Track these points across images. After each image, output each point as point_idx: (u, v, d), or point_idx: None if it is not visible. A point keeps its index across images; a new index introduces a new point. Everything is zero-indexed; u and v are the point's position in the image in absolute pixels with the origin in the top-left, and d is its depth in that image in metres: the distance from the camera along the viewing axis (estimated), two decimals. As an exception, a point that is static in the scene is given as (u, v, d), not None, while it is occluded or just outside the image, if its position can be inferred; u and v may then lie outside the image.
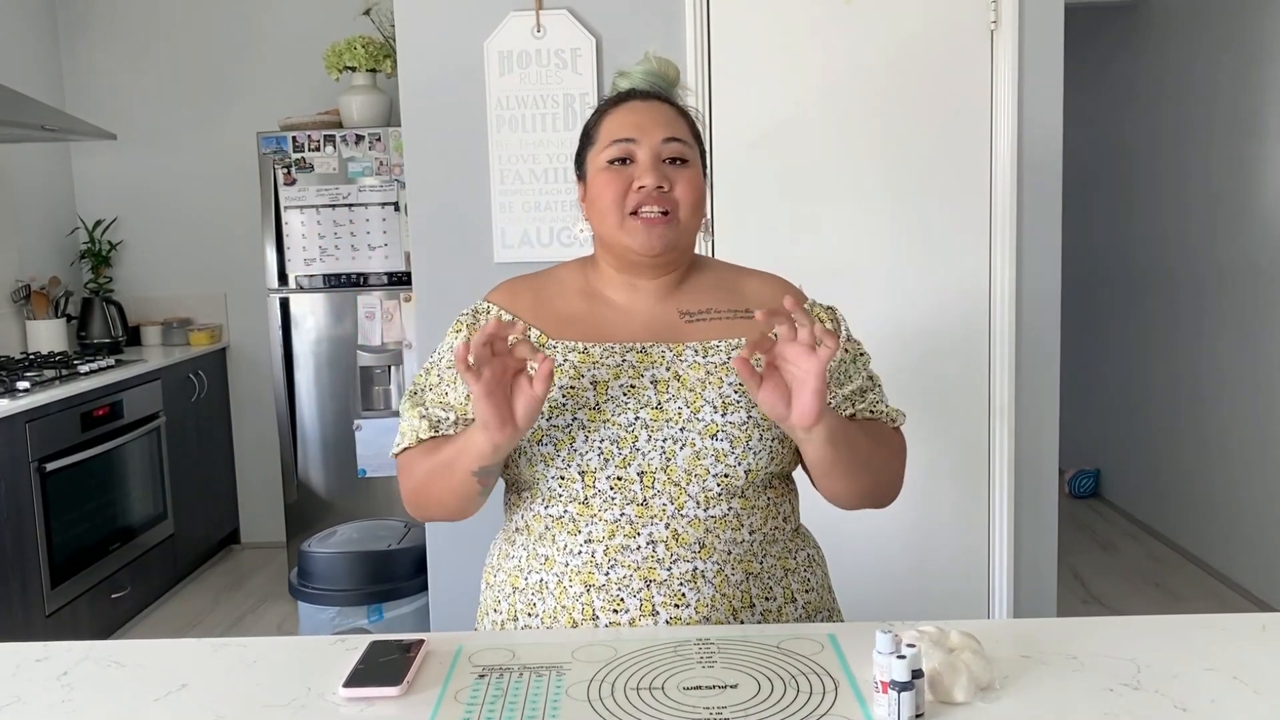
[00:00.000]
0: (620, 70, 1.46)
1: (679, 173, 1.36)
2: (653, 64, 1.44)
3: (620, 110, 1.39)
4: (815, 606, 1.39)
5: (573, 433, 1.30)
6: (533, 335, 1.38)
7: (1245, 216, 3.80)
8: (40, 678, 1.21)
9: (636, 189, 1.34)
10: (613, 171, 1.36)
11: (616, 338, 1.38)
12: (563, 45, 2.69)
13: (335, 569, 2.89)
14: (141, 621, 3.88)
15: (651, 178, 1.33)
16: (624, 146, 1.36)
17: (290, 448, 4.08)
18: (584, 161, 1.42)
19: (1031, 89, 2.62)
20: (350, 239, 3.96)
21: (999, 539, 2.74)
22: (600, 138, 1.39)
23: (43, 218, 4.38)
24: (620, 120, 1.38)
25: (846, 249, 2.70)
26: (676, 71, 1.45)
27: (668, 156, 1.36)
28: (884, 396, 1.43)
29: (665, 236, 1.35)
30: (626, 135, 1.36)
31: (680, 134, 1.38)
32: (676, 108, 1.42)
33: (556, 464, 1.30)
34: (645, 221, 1.34)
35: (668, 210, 1.34)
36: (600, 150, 1.38)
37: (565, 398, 1.32)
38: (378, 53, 3.99)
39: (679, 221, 1.35)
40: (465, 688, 1.14)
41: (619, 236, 1.36)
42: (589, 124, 1.43)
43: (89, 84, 4.53)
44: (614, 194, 1.35)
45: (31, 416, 3.24)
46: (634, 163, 1.35)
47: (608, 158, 1.37)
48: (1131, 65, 4.68)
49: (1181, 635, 1.24)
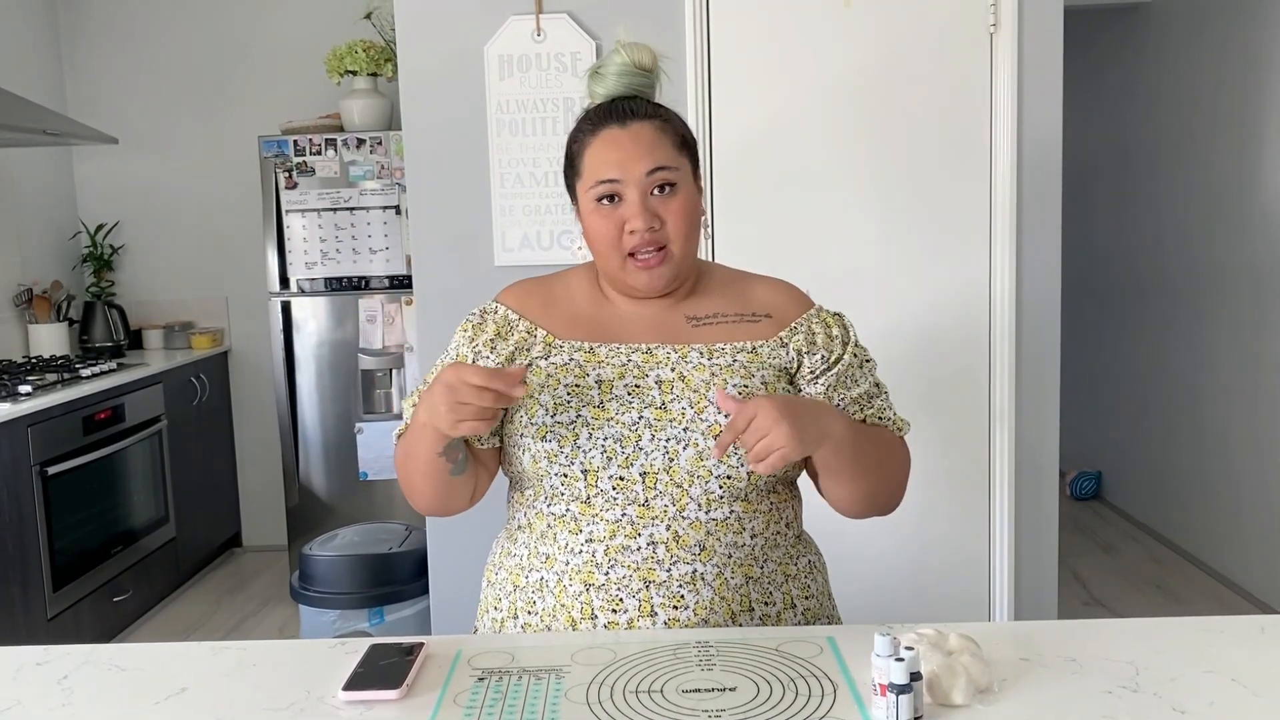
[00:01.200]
0: (594, 68, 1.42)
1: (668, 204, 1.34)
2: (624, 56, 1.39)
3: (600, 141, 1.35)
4: (815, 613, 1.39)
5: (576, 430, 1.31)
6: (539, 335, 1.40)
7: (1246, 218, 3.80)
8: (40, 681, 1.21)
9: (629, 232, 1.33)
10: (602, 213, 1.34)
11: (623, 339, 1.39)
12: (563, 49, 2.70)
13: (336, 572, 2.89)
14: (143, 625, 3.88)
15: (641, 220, 1.32)
16: (609, 187, 1.33)
17: (292, 451, 4.09)
18: (572, 187, 1.40)
19: (1031, 91, 2.62)
20: (351, 242, 3.97)
21: (1000, 541, 2.74)
22: (584, 172, 1.36)
23: (44, 222, 4.39)
24: (603, 156, 1.34)
25: (846, 252, 2.70)
26: (652, 55, 1.41)
27: (655, 186, 1.33)
28: (890, 404, 1.43)
29: (664, 275, 1.35)
30: (610, 175, 1.33)
31: (665, 158, 1.34)
32: (659, 120, 1.37)
33: (560, 461, 1.31)
34: (643, 265, 1.34)
35: (664, 245, 1.34)
36: (587, 187, 1.36)
37: (570, 395, 1.33)
38: (379, 56, 4.00)
39: (674, 256, 1.35)
40: (465, 691, 1.14)
41: (621, 276, 1.37)
42: (571, 148, 1.40)
43: (91, 88, 4.54)
44: (608, 236, 1.34)
45: (33, 420, 3.24)
46: (622, 201, 1.33)
47: (594, 197, 1.35)
48: (1132, 67, 4.69)
49: (1180, 637, 1.24)
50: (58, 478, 3.35)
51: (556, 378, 1.35)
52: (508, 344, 1.39)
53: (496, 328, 1.41)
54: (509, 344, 1.39)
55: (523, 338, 1.40)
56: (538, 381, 1.35)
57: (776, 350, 1.39)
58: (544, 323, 1.41)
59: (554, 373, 1.35)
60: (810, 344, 1.40)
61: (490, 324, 1.42)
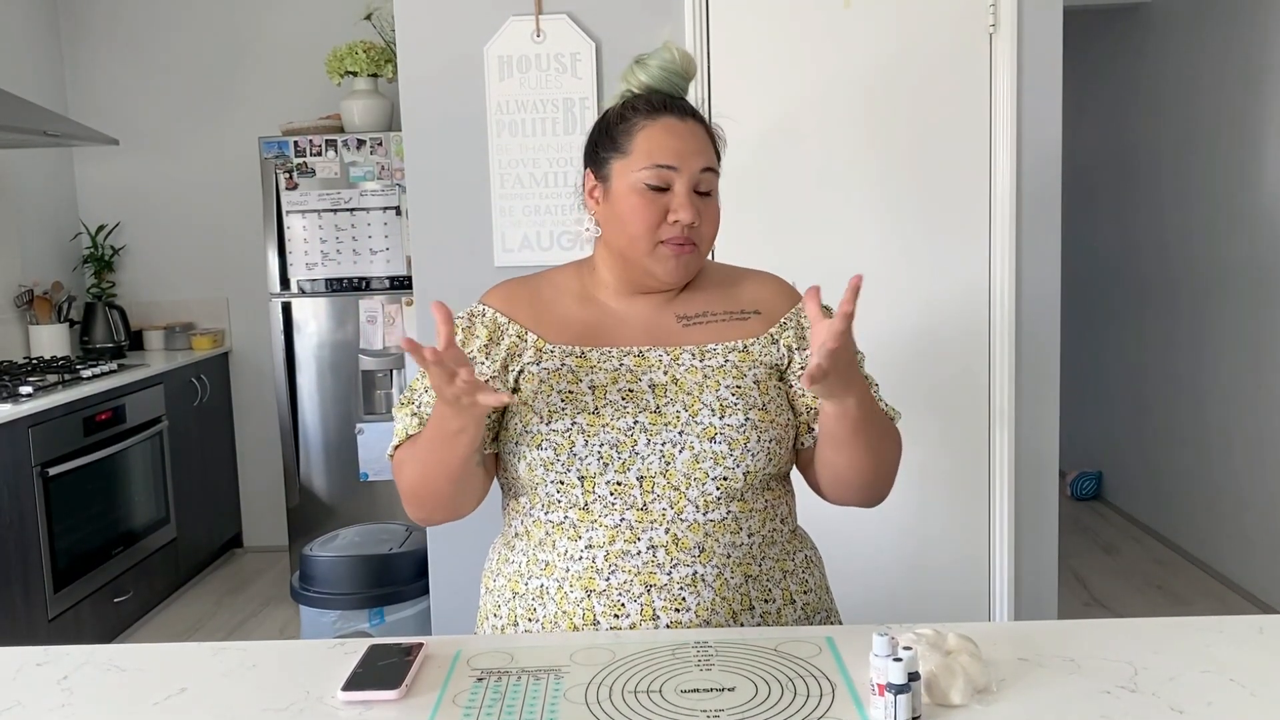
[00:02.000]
0: (638, 58, 1.40)
1: (707, 204, 1.36)
2: (673, 56, 1.38)
3: (659, 127, 1.35)
4: (814, 608, 1.39)
5: (571, 437, 1.30)
6: (530, 339, 1.38)
7: (1246, 219, 3.80)
8: (40, 682, 1.22)
9: (671, 222, 1.33)
10: (649, 197, 1.33)
11: (614, 342, 1.38)
12: (562, 50, 2.70)
13: (336, 573, 2.89)
14: (144, 626, 3.88)
15: (688, 213, 1.32)
16: (665, 174, 1.33)
17: (292, 451, 4.09)
18: (606, 163, 1.37)
19: (1030, 92, 2.62)
20: (352, 243, 3.97)
21: (999, 542, 2.74)
22: (635, 151, 1.34)
23: (45, 223, 4.40)
24: (661, 142, 1.34)
25: (845, 252, 2.70)
26: (694, 66, 1.41)
27: (698, 187, 1.35)
28: (881, 396, 1.43)
29: (690, 266, 1.36)
30: (669, 162, 1.33)
31: (712, 163, 1.37)
32: (707, 127, 1.39)
33: (556, 469, 1.30)
34: (674, 249, 1.34)
35: (695, 242, 1.35)
36: (636, 167, 1.34)
37: (564, 402, 1.32)
38: (379, 57, 4.00)
39: (699, 252, 1.36)
40: (464, 691, 1.14)
41: (645, 262, 1.35)
42: (618, 127, 1.37)
43: (91, 89, 4.55)
44: (648, 221, 1.33)
45: (34, 421, 3.25)
46: (670, 191, 1.33)
47: (646, 181, 1.33)
48: (1132, 67, 4.69)
49: (1179, 637, 1.25)
50: (59, 478, 3.35)
51: (549, 384, 1.34)
52: (500, 349, 1.38)
53: (488, 332, 1.39)
54: (501, 349, 1.38)
55: (514, 342, 1.38)
56: (530, 388, 1.34)
57: (768, 347, 1.39)
58: (533, 326, 1.39)
59: (546, 379, 1.34)
60: (800, 339, 1.40)
61: (480, 328, 1.40)
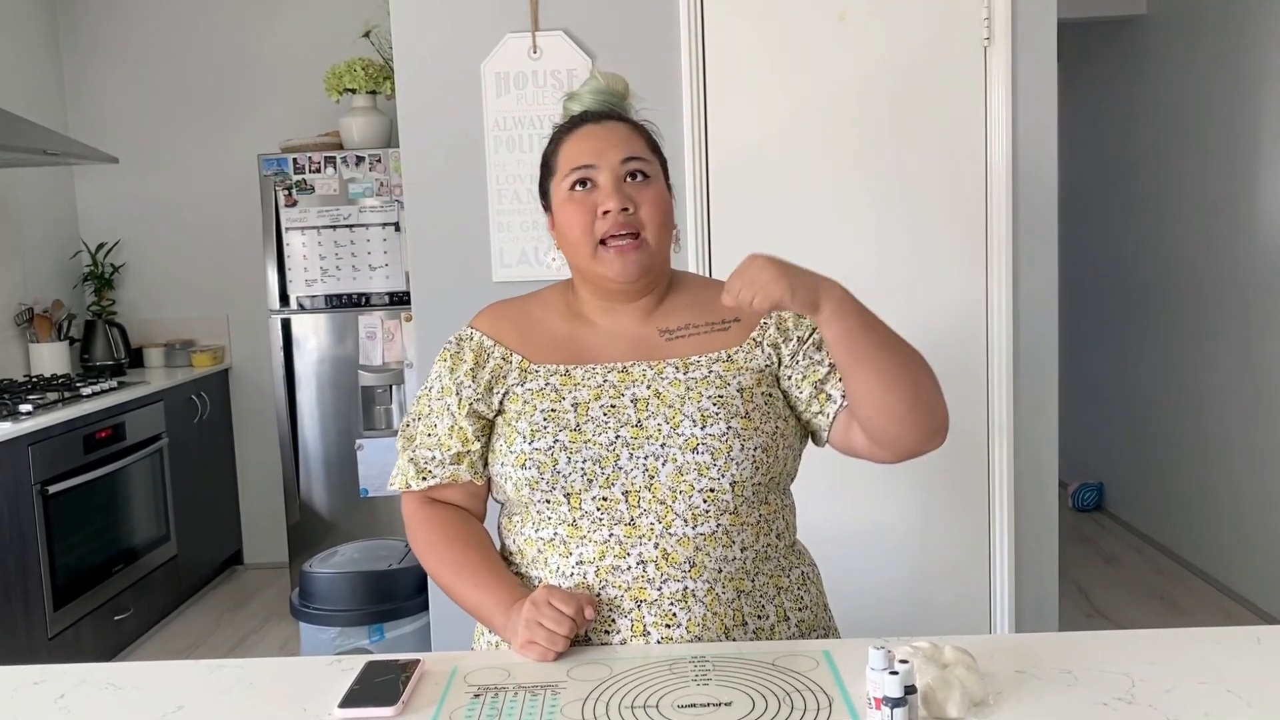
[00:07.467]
0: (568, 93, 1.46)
1: (642, 190, 1.36)
2: (599, 81, 1.44)
3: (575, 136, 1.40)
4: (809, 625, 1.38)
5: (555, 455, 1.31)
6: (515, 361, 1.40)
7: (1243, 229, 3.81)
8: (38, 701, 1.22)
9: (602, 214, 1.34)
10: (576, 200, 1.36)
11: (598, 359, 1.39)
12: (559, 66, 2.71)
13: (336, 589, 2.89)
14: (144, 643, 3.87)
15: (615, 200, 1.34)
16: (583, 172, 1.36)
17: (292, 468, 4.09)
18: (548, 192, 1.43)
19: (1025, 104, 2.63)
20: (351, 259, 3.98)
21: (1000, 553, 2.73)
22: (559, 166, 1.39)
23: (45, 241, 4.41)
24: (577, 146, 1.38)
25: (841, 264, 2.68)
26: (625, 84, 1.45)
27: (628, 173, 1.36)
28: None
29: (639, 262, 1.36)
30: (584, 161, 1.36)
31: (638, 151, 1.38)
32: (631, 124, 1.42)
33: (541, 488, 1.31)
34: (617, 250, 1.35)
35: (637, 232, 1.35)
36: (561, 179, 1.38)
37: (546, 421, 1.33)
38: (377, 74, 4.02)
39: (649, 244, 1.36)
40: (460, 707, 1.14)
41: (593, 266, 1.37)
42: (547, 153, 1.43)
43: (91, 108, 4.56)
44: (581, 223, 1.35)
45: (34, 439, 3.25)
46: (596, 187, 1.36)
47: (569, 185, 1.37)
48: (1129, 79, 4.70)
49: (1177, 649, 1.25)
50: (58, 496, 3.35)
51: (533, 404, 1.35)
52: (485, 371, 1.39)
53: (474, 356, 1.41)
54: (486, 371, 1.39)
55: (498, 365, 1.40)
56: (515, 409, 1.36)
57: (752, 352, 1.39)
58: (519, 348, 1.41)
59: (530, 399, 1.35)
60: (783, 333, 1.41)
61: (468, 352, 1.41)
